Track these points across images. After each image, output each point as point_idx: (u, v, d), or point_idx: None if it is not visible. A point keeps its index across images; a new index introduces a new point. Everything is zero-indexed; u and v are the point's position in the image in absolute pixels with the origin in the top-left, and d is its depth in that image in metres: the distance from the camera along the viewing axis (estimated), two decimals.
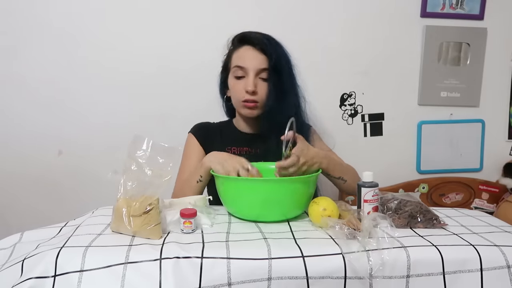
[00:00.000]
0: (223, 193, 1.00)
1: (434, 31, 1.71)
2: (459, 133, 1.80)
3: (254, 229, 0.91)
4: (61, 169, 1.65)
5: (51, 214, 1.62)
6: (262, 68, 1.17)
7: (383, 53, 1.72)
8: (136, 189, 0.88)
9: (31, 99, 1.61)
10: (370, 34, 1.70)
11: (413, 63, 1.74)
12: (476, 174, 1.83)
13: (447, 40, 1.73)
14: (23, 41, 1.58)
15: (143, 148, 0.91)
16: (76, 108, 1.63)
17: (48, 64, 1.60)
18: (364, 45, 1.71)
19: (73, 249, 0.77)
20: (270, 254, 0.77)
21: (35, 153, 1.63)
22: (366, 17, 1.69)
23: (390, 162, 1.78)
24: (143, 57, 1.62)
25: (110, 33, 1.61)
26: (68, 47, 1.59)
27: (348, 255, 0.77)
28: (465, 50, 1.74)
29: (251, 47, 1.19)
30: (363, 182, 0.97)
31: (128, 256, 0.76)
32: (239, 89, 1.20)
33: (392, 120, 1.77)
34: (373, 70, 1.73)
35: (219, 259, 0.75)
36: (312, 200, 0.96)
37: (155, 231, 0.85)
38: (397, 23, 1.71)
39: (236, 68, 1.19)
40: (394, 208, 0.96)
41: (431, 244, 0.82)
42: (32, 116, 1.62)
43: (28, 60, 1.59)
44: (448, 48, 1.74)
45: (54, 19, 1.58)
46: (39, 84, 1.60)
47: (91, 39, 1.60)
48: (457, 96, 1.77)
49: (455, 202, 1.79)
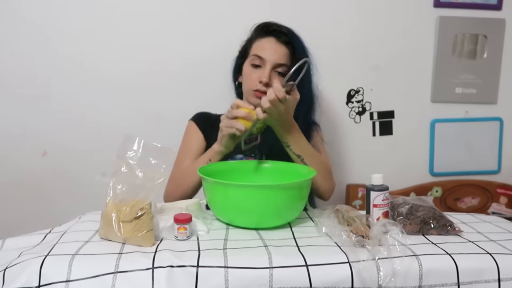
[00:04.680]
0: (213, 202, 1.01)
1: (448, 22, 1.71)
2: (475, 132, 1.80)
3: (254, 236, 0.91)
4: (45, 171, 1.65)
5: (34, 220, 1.61)
6: (280, 63, 1.23)
7: (393, 46, 1.72)
8: (126, 192, 0.88)
9: (11, 98, 1.60)
10: (379, 25, 1.70)
11: (425, 56, 1.75)
12: (494, 177, 1.83)
13: (462, 32, 1.73)
14: (7, 35, 1.57)
15: (134, 149, 0.91)
16: (61, 107, 1.62)
17: (29, 61, 1.59)
18: (373, 37, 1.71)
19: (58, 258, 0.77)
20: (271, 263, 0.77)
21: (17, 155, 1.63)
22: (376, 8, 1.69)
23: (400, 163, 1.79)
24: (133, 52, 1.62)
25: (96, 26, 1.60)
26: (50, 42, 1.59)
27: (356, 264, 0.77)
28: (482, 42, 1.74)
29: (274, 40, 1.25)
30: (372, 185, 0.97)
31: (118, 265, 0.76)
32: (253, 78, 1.24)
33: (403, 118, 1.77)
34: (382, 65, 1.73)
35: (216, 268, 0.75)
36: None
37: (147, 238, 0.84)
38: (409, 14, 1.71)
39: (255, 57, 1.24)
40: (406, 214, 0.96)
41: (445, 252, 0.82)
42: (13, 116, 1.61)
43: (6, 56, 1.58)
44: (464, 41, 1.74)
45: (36, 13, 1.57)
46: (20, 82, 1.60)
47: (76, 33, 1.59)
48: (473, 92, 1.78)
49: (471, 207, 1.79)
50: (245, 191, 0.94)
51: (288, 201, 0.96)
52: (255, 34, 1.31)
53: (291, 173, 1.11)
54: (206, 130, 1.32)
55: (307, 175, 1.02)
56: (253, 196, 0.94)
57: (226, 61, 1.39)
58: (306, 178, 0.99)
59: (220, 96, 1.49)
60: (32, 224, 1.26)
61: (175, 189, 1.21)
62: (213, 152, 1.16)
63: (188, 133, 1.36)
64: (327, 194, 1.25)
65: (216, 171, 1.07)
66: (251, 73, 1.25)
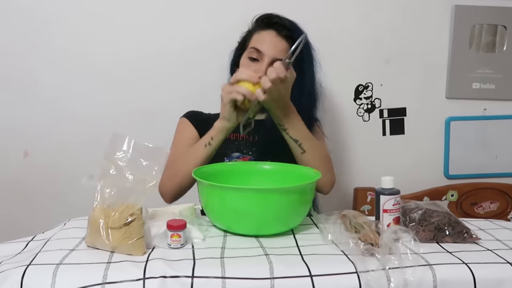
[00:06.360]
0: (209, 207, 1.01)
1: (465, 12, 1.71)
2: (493, 132, 1.80)
3: (253, 244, 0.91)
4: (26, 173, 1.65)
5: (15, 226, 1.61)
6: (279, 58, 1.22)
7: (405, 38, 1.72)
8: (115, 196, 0.88)
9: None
10: (389, 15, 1.71)
11: (440, 49, 1.75)
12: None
13: (480, 23, 1.73)
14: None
15: (123, 149, 0.91)
16: (44, 103, 1.63)
17: (9, 55, 1.59)
18: (383, 28, 1.71)
19: (41, 267, 0.77)
20: (272, 273, 0.77)
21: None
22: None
23: (413, 165, 1.79)
24: (124, 42, 1.63)
25: (85, 13, 1.60)
26: (33, 30, 1.59)
27: (365, 275, 0.77)
28: (501, 34, 1.75)
29: (275, 33, 1.26)
30: (382, 188, 0.97)
31: (106, 275, 0.76)
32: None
33: (416, 116, 1.78)
34: (393, 58, 1.73)
35: (213, 278, 0.75)
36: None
37: (138, 246, 0.84)
38: (422, 3, 1.71)
39: (253, 50, 1.26)
40: (418, 219, 0.96)
41: (461, 261, 0.82)
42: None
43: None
44: (481, 32, 1.74)
45: (21, 2, 1.57)
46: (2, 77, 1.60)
47: (62, 22, 1.60)
48: (492, 88, 1.78)
49: (489, 212, 1.79)
50: (244, 195, 0.94)
51: (291, 206, 0.96)
52: (256, 26, 1.33)
53: (294, 175, 1.11)
54: (199, 127, 1.33)
55: (312, 178, 1.02)
56: (253, 200, 0.94)
57: (223, 54, 1.40)
58: (310, 181, 0.99)
59: (214, 92, 1.49)
60: (13, 231, 1.26)
61: (171, 176, 1.21)
62: (216, 129, 1.16)
63: (180, 129, 1.37)
64: (327, 187, 1.26)
65: (212, 173, 1.07)
66: (248, 66, 1.25)
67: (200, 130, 1.32)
